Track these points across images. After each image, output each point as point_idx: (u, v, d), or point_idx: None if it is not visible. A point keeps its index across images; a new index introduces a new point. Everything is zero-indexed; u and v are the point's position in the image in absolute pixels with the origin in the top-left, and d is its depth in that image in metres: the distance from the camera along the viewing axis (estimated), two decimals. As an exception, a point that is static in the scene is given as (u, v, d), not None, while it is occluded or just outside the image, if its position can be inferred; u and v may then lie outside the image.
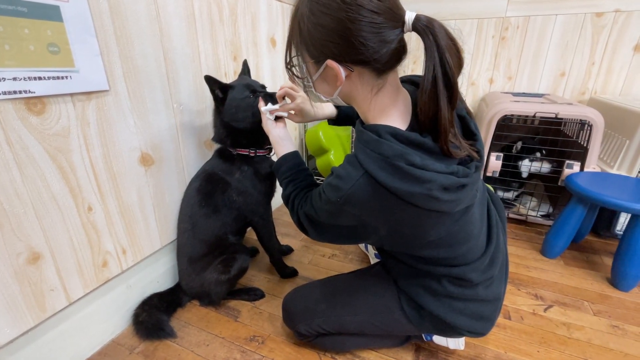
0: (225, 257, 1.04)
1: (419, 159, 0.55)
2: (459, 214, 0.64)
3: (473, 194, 0.64)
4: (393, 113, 0.61)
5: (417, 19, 0.53)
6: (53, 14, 0.70)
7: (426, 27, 0.52)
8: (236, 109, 0.97)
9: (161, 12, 0.95)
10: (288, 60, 0.64)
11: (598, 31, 1.79)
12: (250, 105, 0.97)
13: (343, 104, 0.67)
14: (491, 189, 0.94)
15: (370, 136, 0.58)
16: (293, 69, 0.64)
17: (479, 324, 0.74)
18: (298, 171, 0.82)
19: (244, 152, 1.04)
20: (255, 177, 1.05)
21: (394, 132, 0.57)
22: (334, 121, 1.01)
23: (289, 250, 1.38)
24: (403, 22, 0.54)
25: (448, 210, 0.60)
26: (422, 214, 0.59)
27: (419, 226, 0.62)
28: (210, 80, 0.94)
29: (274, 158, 0.94)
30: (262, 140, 1.03)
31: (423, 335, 0.91)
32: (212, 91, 0.97)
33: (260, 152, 1.05)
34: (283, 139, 0.88)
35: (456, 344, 0.88)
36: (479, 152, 0.63)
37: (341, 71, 0.57)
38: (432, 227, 0.63)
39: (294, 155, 0.85)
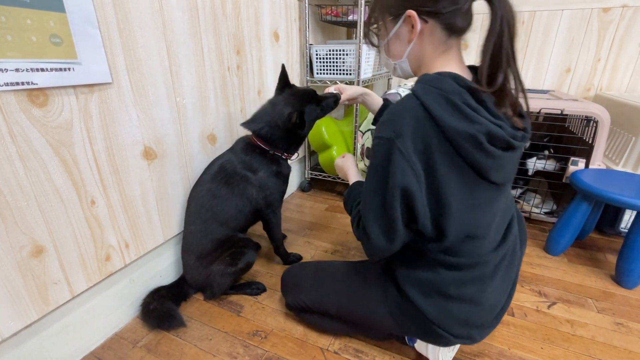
0: (233, 250, 1.05)
1: (474, 102, 0.57)
2: (484, 194, 0.63)
3: (506, 174, 0.65)
4: (456, 70, 0.63)
5: None
6: (55, 4, 0.70)
7: None
8: (309, 125, 1.10)
9: (164, 4, 0.94)
10: (367, 30, 0.73)
11: (605, 27, 1.77)
12: (317, 117, 1.12)
13: (409, 70, 0.71)
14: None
15: (432, 75, 0.61)
16: (372, 36, 0.73)
17: (465, 329, 0.70)
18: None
19: (279, 153, 1.11)
20: (278, 176, 1.13)
21: (455, 76, 0.59)
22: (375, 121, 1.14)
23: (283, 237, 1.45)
24: None
25: (483, 167, 0.59)
26: (458, 165, 0.59)
27: (449, 180, 0.59)
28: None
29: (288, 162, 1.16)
30: (298, 148, 1.16)
31: (406, 338, 0.88)
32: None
33: (288, 156, 1.15)
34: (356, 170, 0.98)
35: (435, 356, 0.81)
36: (525, 129, 0.63)
37: (417, 22, 0.61)
38: (457, 187, 0.60)
39: (359, 183, 0.89)
